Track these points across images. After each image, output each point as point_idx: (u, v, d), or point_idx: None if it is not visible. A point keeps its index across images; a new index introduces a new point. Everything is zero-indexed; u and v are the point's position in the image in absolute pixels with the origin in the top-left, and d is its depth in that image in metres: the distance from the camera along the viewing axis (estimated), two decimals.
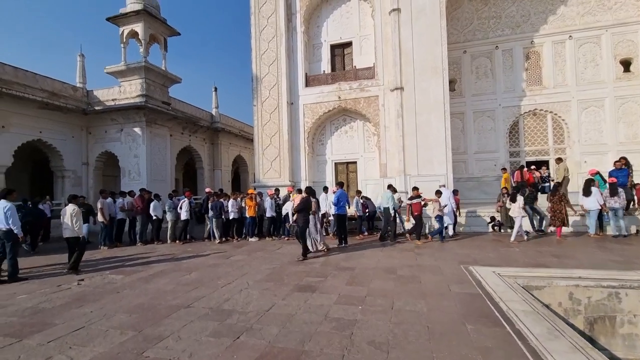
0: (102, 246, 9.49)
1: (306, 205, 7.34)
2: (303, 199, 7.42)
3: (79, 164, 14.77)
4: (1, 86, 11.41)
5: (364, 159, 12.61)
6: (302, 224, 7.25)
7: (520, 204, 8.30)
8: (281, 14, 12.53)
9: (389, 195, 8.85)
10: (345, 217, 8.51)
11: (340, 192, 8.25)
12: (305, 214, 7.31)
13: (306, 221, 7.31)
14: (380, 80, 11.79)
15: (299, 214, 7.27)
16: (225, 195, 10.64)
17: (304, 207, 7.27)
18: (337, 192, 8.29)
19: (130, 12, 14.06)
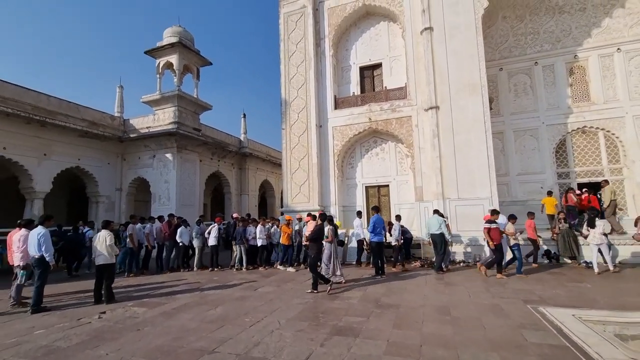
0: (128, 274, 9.26)
1: (320, 234, 6.74)
2: (317, 227, 6.82)
3: (113, 190, 15.11)
4: (46, 116, 12.02)
5: (396, 182, 11.91)
6: (314, 254, 6.62)
7: (602, 230, 7.24)
8: (310, 39, 12.59)
9: (439, 221, 8.11)
10: (383, 245, 7.78)
11: (377, 218, 7.59)
12: (319, 243, 6.70)
13: (319, 251, 6.68)
14: (413, 100, 11.30)
15: (312, 242, 6.67)
16: (253, 221, 10.25)
17: (317, 235, 6.67)
18: (373, 217, 7.64)
19: (167, 44, 14.75)
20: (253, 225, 9.87)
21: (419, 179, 10.98)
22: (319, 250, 6.68)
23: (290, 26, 13.02)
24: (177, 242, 9.76)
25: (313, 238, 6.64)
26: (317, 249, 6.64)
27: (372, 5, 12.31)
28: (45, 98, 12.60)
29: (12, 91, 11.56)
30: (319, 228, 6.74)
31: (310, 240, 6.71)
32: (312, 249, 6.65)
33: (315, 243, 6.63)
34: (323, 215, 7.18)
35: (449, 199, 10.17)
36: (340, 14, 12.66)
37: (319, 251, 6.68)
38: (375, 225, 7.40)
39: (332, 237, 7.10)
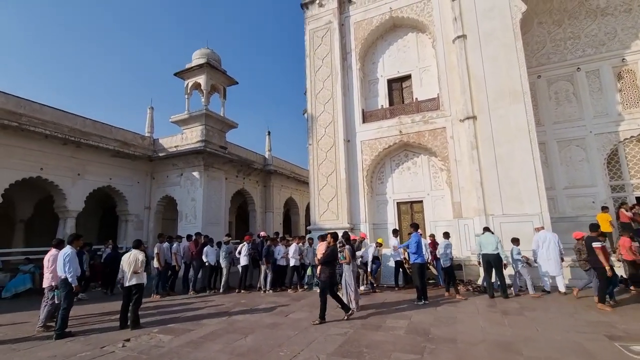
0: (154, 294, 8.98)
1: (333, 256, 6.11)
2: (329, 248, 6.20)
3: (142, 208, 15.26)
4: (81, 137, 12.39)
5: (431, 197, 11.18)
6: (325, 279, 5.95)
7: None
8: (336, 54, 12.42)
9: (495, 240, 7.35)
10: (426, 266, 7.06)
11: (417, 237, 6.91)
12: (331, 267, 6.05)
13: (331, 275, 6.03)
14: (447, 110, 10.71)
15: (324, 266, 6.01)
16: (282, 240, 9.81)
17: (331, 258, 6.05)
18: (413, 236, 6.97)
19: (195, 65, 15.10)
20: (282, 244, 9.42)
21: (457, 194, 10.21)
22: (331, 274, 6.03)
23: (316, 42, 12.95)
24: (203, 261, 9.45)
25: (327, 260, 6.01)
26: (329, 273, 5.99)
27: (399, 18, 12.04)
28: (81, 120, 13.06)
29: (51, 114, 12.04)
30: (332, 249, 6.14)
31: (322, 264, 6.06)
32: (324, 272, 6.00)
33: (327, 267, 5.99)
34: (335, 234, 6.58)
35: (492, 215, 9.31)
36: (366, 27, 12.47)
37: (331, 275, 6.02)
38: (417, 245, 6.72)
39: (350, 258, 6.54)
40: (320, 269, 6.09)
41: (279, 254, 9.18)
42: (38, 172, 11.49)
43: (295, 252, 8.98)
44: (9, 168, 10.79)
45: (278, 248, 9.25)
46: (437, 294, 7.83)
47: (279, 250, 9.24)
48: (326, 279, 5.97)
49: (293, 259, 8.94)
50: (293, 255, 8.93)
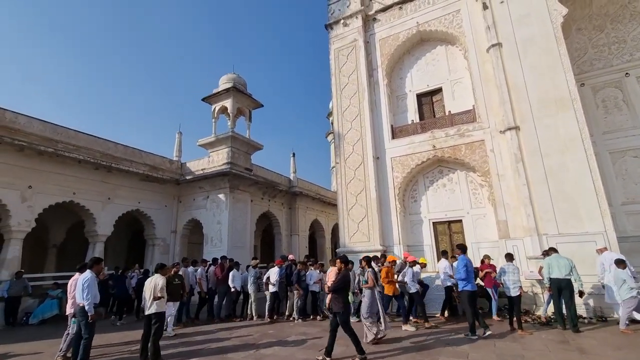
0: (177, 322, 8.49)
1: (345, 283, 5.34)
2: (341, 274, 5.46)
3: (168, 232, 15.18)
4: (112, 162, 12.63)
5: (471, 216, 10.26)
6: (340, 309, 5.10)
7: None
8: (362, 71, 12.19)
9: (569, 263, 6.42)
10: (476, 294, 6.17)
11: (465, 260, 6.10)
12: (344, 295, 5.26)
13: (346, 306, 5.21)
14: (485, 122, 10.01)
15: (335, 294, 5.20)
16: (314, 263, 9.18)
17: (342, 285, 5.28)
18: (460, 259, 6.16)
19: (222, 90, 15.38)
20: (315, 268, 8.78)
21: (502, 212, 9.27)
22: (345, 305, 5.18)
23: (341, 60, 12.82)
24: (229, 287, 8.95)
25: (338, 287, 5.24)
26: (343, 302, 5.17)
27: (427, 31, 11.73)
28: (112, 145, 13.40)
29: (85, 140, 12.42)
30: (343, 275, 5.40)
31: (333, 292, 5.27)
32: (336, 302, 5.18)
33: (339, 295, 5.18)
34: (345, 257, 5.95)
35: (546, 235, 8.29)
36: (392, 43, 12.23)
37: (345, 306, 5.18)
38: (466, 270, 5.90)
39: (373, 281, 5.87)
40: (331, 298, 5.31)
41: (311, 279, 8.52)
42: (71, 196, 11.69)
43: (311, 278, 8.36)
44: (44, 193, 11.02)
45: (310, 273, 8.60)
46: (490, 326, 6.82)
47: (312, 275, 8.59)
48: (341, 309, 5.18)
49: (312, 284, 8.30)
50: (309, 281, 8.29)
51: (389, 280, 6.88)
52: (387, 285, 6.86)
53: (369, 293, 5.91)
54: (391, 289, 6.91)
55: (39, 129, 11.21)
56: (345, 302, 5.27)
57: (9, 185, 10.25)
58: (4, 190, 10.12)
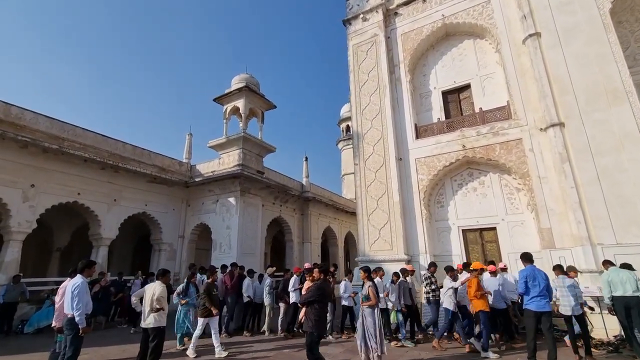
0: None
1: (321, 295, 4.47)
2: (315, 284, 4.67)
3: (176, 237, 14.50)
4: (119, 162, 12.06)
5: (506, 223, 9.23)
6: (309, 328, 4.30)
7: None
8: (383, 67, 11.43)
9: (630, 277, 5.45)
10: (550, 314, 5.08)
11: (528, 271, 5.10)
12: (320, 309, 4.40)
13: (317, 324, 4.33)
14: (522, 119, 9.07)
15: (310, 308, 4.39)
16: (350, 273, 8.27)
17: (316, 297, 4.40)
18: (526, 270, 5.16)
19: (234, 90, 14.83)
20: (348, 279, 7.87)
21: (545, 219, 8.24)
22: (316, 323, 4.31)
23: (360, 56, 12.10)
24: (239, 297, 8.11)
25: (311, 299, 4.39)
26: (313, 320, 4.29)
27: (453, 24, 10.94)
28: (121, 145, 12.89)
29: (92, 139, 11.92)
30: (318, 287, 4.52)
31: (305, 305, 4.44)
32: (307, 319, 4.35)
33: (312, 310, 4.35)
34: (323, 267, 5.08)
35: (602, 244, 7.22)
36: (415, 38, 11.47)
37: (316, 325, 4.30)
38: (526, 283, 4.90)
39: (375, 298, 4.99)
40: (305, 312, 4.45)
41: (345, 292, 7.57)
42: (75, 197, 11.12)
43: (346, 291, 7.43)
44: (47, 192, 10.47)
45: (345, 284, 7.68)
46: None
47: (346, 287, 7.65)
48: (311, 328, 4.27)
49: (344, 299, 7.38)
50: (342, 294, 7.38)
51: (481, 293, 5.94)
52: (478, 301, 5.85)
53: (369, 312, 5.00)
54: (482, 304, 5.88)
55: (45, 126, 10.74)
56: (318, 319, 4.34)
57: (11, 183, 9.72)
58: (5, 189, 9.59)
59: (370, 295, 5.05)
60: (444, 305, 6.53)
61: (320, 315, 4.40)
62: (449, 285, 6.44)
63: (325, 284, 4.80)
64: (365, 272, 5.37)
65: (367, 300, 5.06)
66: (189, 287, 7.39)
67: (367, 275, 5.34)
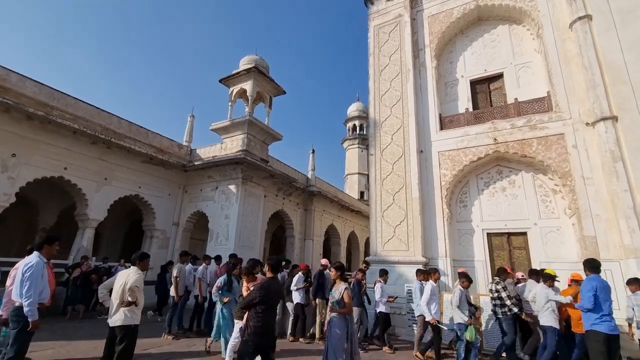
0: (166, 333, 6.65)
1: (267, 294, 3.57)
2: (261, 283, 3.80)
3: (170, 224, 13.48)
4: (111, 137, 11.06)
5: (539, 228, 8.20)
6: (248, 336, 3.43)
7: None
8: (407, 50, 10.42)
9: None
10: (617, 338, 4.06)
11: (596, 282, 4.08)
12: (264, 313, 3.50)
13: (263, 327, 3.45)
14: (565, 112, 8.04)
15: (251, 312, 3.53)
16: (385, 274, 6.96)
17: (260, 297, 3.52)
18: (594, 280, 4.14)
19: (242, 70, 13.83)
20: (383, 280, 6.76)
21: (589, 225, 7.20)
22: (257, 329, 3.45)
23: (382, 38, 11.10)
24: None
25: (252, 302, 3.52)
26: (253, 324, 3.45)
27: (488, 7, 9.92)
28: (116, 120, 11.89)
29: (85, 110, 10.93)
30: (262, 286, 3.65)
31: (246, 308, 3.60)
32: (247, 323, 3.54)
33: (251, 317, 3.51)
34: (276, 261, 3.95)
35: None
36: (444, 20, 10.46)
37: (256, 330, 3.44)
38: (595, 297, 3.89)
39: (351, 305, 4.03)
40: (247, 318, 3.58)
41: (382, 296, 6.55)
42: (61, 171, 10.12)
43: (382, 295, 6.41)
44: (30, 164, 9.48)
45: (381, 287, 6.63)
46: None
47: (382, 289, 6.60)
48: (247, 337, 3.43)
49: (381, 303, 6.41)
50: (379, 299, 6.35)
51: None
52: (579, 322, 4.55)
53: (338, 322, 3.94)
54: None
55: (32, 91, 9.74)
56: (260, 325, 3.44)
57: None
58: None
59: (345, 300, 3.98)
60: (546, 323, 5.02)
61: (263, 322, 3.48)
62: (550, 298, 5.06)
63: (274, 283, 3.79)
64: (337, 270, 4.28)
65: (340, 307, 3.96)
66: (231, 281, 5.86)
67: (339, 274, 4.25)
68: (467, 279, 5.63)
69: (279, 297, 3.94)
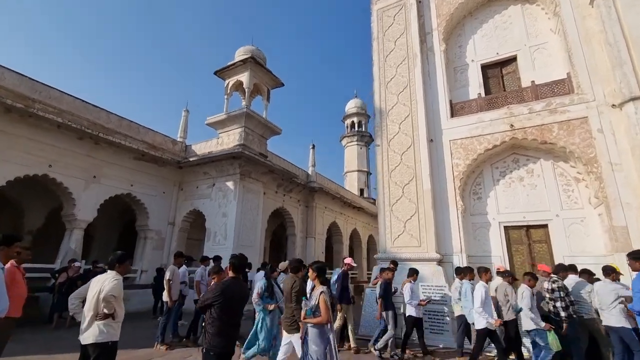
0: (158, 343, 6.01)
1: (222, 294, 3.04)
2: (221, 282, 3.29)
3: (165, 224, 12.83)
4: (99, 132, 10.37)
5: (561, 220, 7.62)
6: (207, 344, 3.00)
7: None
8: (414, 33, 9.80)
9: None
10: None
11: None
12: (222, 315, 3.01)
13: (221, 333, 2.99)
14: (588, 93, 7.46)
15: (208, 316, 3.07)
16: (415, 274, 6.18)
17: (215, 298, 3.02)
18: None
19: (238, 61, 13.18)
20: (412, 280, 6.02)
21: (619, 215, 6.62)
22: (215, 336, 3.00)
23: (386, 22, 10.46)
24: None
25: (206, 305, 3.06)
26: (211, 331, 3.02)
27: None
28: (105, 115, 11.20)
29: (70, 104, 10.24)
30: (218, 286, 3.14)
31: (202, 309, 3.13)
32: (205, 329, 3.12)
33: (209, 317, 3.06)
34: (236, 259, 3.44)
35: None
36: (452, 1, 9.83)
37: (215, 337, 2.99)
38: None
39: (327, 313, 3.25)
40: (207, 320, 3.10)
41: (412, 298, 5.78)
42: (45, 169, 9.45)
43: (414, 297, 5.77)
44: (10, 161, 8.80)
45: (410, 287, 5.89)
46: None
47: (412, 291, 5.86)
48: (208, 345, 2.99)
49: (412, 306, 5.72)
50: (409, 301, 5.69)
51: None
52: None
53: (316, 336, 3.26)
54: None
55: (12, 83, 9.05)
56: (219, 331, 2.97)
57: None
58: None
59: (320, 307, 3.26)
60: (617, 324, 4.32)
61: (221, 326, 3.00)
62: (620, 294, 4.40)
63: (234, 283, 3.21)
64: (316, 271, 3.53)
65: (314, 316, 3.27)
66: (272, 285, 5.16)
67: (317, 275, 3.52)
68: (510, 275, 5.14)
69: (240, 300, 3.28)
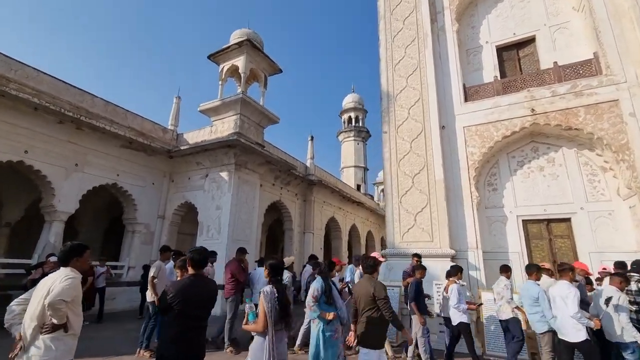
0: (142, 349, 5.28)
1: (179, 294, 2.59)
2: (177, 282, 2.95)
3: (154, 217, 12.01)
4: (81, 115, 9.50)
5: (586, 213, 7.00)
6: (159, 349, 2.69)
7: None
8: (424, 11, 9.09)
9: None
10: None
11: None
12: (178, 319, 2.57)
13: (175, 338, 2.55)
14: (618, 74, 6.81)
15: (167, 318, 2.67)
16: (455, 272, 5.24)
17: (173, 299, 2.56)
18: None
19: (233, 44, 12.32)
20: (457, 280, 5.18)
21: None
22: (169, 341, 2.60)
23: (394, 0, 9.72)
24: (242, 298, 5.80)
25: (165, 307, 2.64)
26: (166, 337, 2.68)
27: None
28: (89, 98, 10.34)
29: (50, 84, 9.36)
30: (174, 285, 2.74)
31: (163, 312, 2.80)
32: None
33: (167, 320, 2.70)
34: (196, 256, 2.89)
35: None
36: None
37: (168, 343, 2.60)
38: None
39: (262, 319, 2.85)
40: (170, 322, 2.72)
41: (459, 301, 4.96)
42: (21, 155, 8.58)
43: (460, 300, 4.99)
44: None
45: (456, 289, 5.04)
46: None
47: (459, 293, 5.01)
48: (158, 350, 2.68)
49: (459, 311, 4.96)
50: (456, 305, 4.94)
51: None
52: None
53: (255, 347, 2.83)
54: None
55: None
56: (173, 337, 2.56)
57: None
58: None
59: (259, 311, 2.86)
60: None
61: (177, 333, 2.54)
62: None
63: (195, 281, 2.71)
64: (270, 269, 3.14)
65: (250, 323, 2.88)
66: (330, 287, 3.95)
67: (270, 275, 3.14)
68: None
69: (202, 302, 2.71)
